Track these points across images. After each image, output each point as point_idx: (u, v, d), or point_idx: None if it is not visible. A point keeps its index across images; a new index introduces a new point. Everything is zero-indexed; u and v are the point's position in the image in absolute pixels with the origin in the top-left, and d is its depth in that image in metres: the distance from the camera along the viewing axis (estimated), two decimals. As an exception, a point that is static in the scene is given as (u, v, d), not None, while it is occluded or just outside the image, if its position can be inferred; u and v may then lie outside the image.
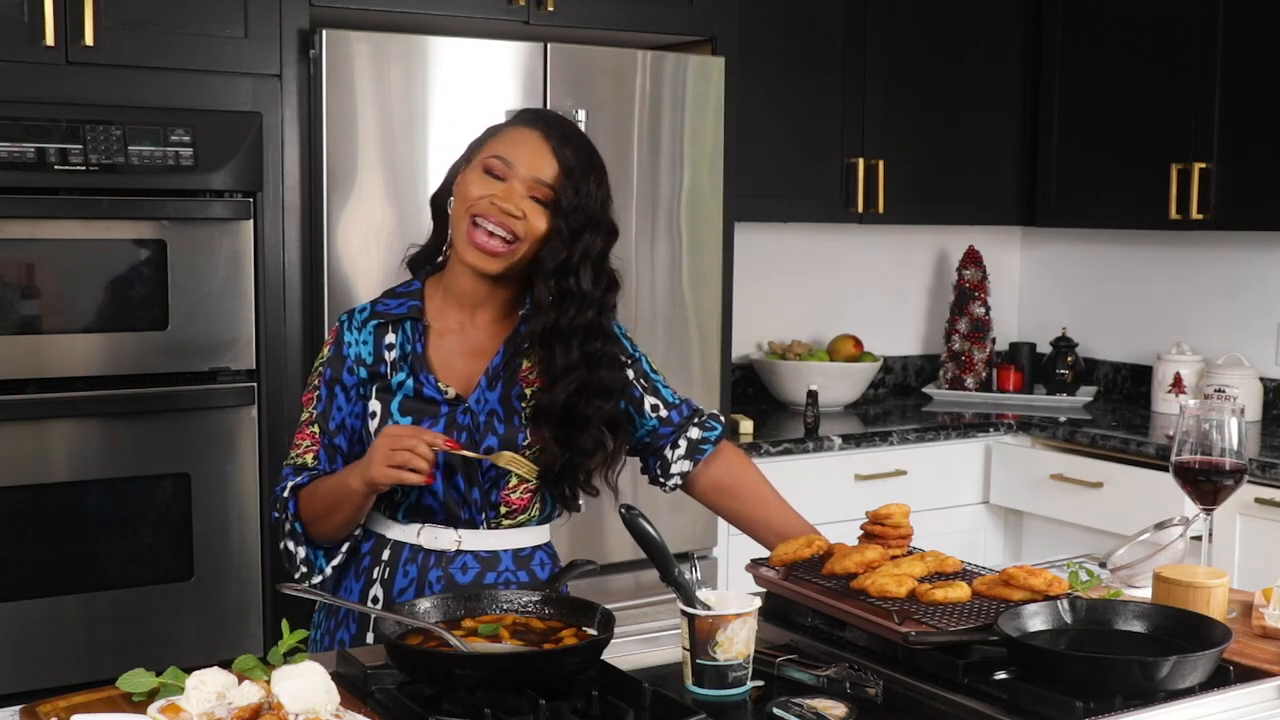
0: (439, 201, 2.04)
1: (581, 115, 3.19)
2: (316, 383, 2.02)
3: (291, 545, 2.00)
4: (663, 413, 2.13)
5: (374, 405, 1.98)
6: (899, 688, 1.67)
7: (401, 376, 1.98)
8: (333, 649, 2.01)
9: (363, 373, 1.99)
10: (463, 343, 2.01)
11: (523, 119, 2.00)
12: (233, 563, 3.03)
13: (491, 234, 1.91)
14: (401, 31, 3.11)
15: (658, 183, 3.38)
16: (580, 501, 2.07)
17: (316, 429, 2.01)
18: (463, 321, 2.02)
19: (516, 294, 2.02)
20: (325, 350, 2.03)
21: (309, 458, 2.00)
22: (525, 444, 1.98)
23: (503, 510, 2.00)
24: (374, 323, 2.00)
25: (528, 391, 2.00)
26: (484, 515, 1.99)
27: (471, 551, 1.99)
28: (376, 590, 2.00)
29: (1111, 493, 3.74)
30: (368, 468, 1.86)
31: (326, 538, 1.99)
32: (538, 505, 2.04)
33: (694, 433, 2.15)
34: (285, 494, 1.99)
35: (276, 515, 2.01)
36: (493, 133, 1.99)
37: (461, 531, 1.98)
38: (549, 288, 1.94)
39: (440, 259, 2.05)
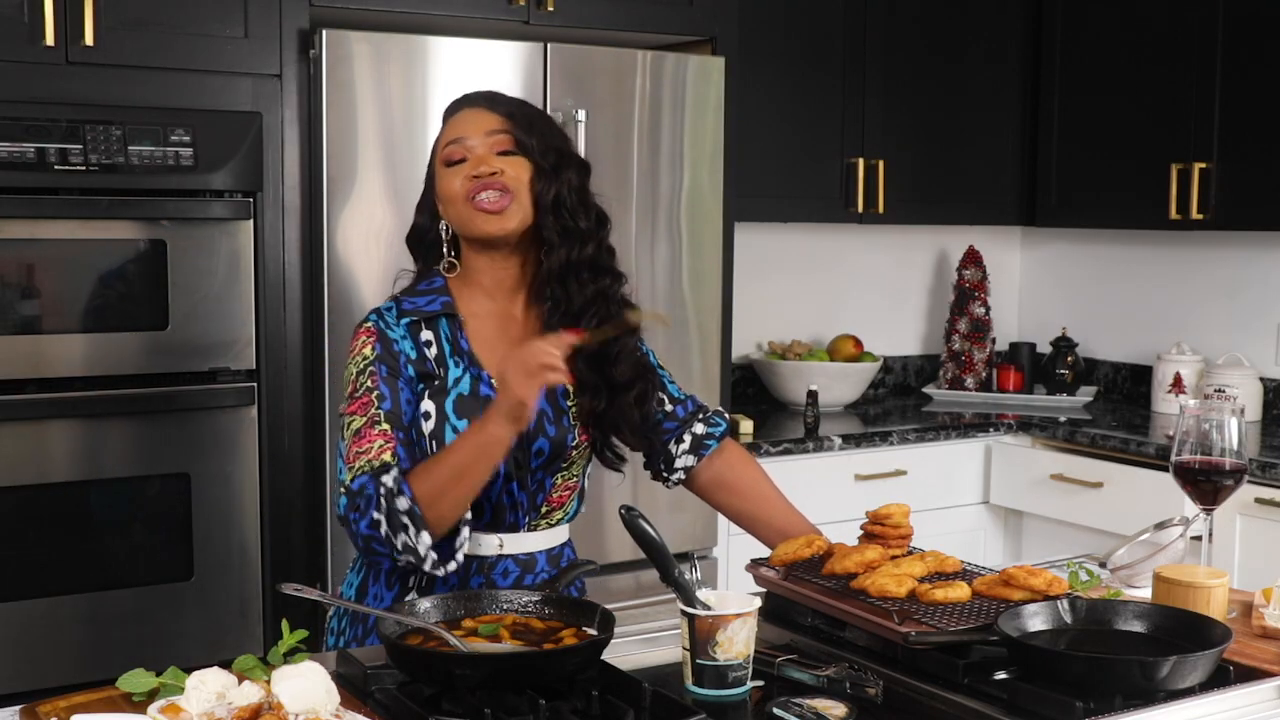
0: (422, 239, 2.02)
1: (581, 115, 3.19)
2: (370, 384, 1.89)
3: (413, 536, 1.80)
4: (668, 407, 2.14)
5: (426, 405, 1.91)
6: (899, 688, 1.67)
7: (457, 373, 1.93)
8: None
9: (411, 370, 1.93)
10: (503, 331, 1.98)
11: (450, 112, 2.01)
12: (233, 563, 3.03)
13: (489, 198, 1.91)
14: (401, 31, 3.11)
15: (658, 183, 3.38)
16: (623, 466, 2.08)
17: (387, 427, 1.86)
18: (491, 310, 1.99)
19: (541, 277, 1.99)
20: (367, 350, 1.91)
21: (387, 456, 1.84)
22: (574, 445, 1.98)
23: (543, 510, 2.00)
24: (406, 320, 1.95)
25: (570, 388, 1.99)
26: (527, 518, 1.98)
27: (511, 555, 1.97)
28: (413, 597, 1.92)
29: (1111, 493, 3.74)
30: (511, 392, 1.76)
31: (443, 521, 1.83)
32: (572, 502, 2.05)
33: (698, 429, 2.15)
34: (392, 484, 1.81)
35: (375, 515, 1.81)
36: (437, 143, 2.00)
37: (503, 535, 1.95)
38: (552, 225, 1.93)
39: (448, 266, 2.00)
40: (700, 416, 2.17)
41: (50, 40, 2.76)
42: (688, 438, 2.14)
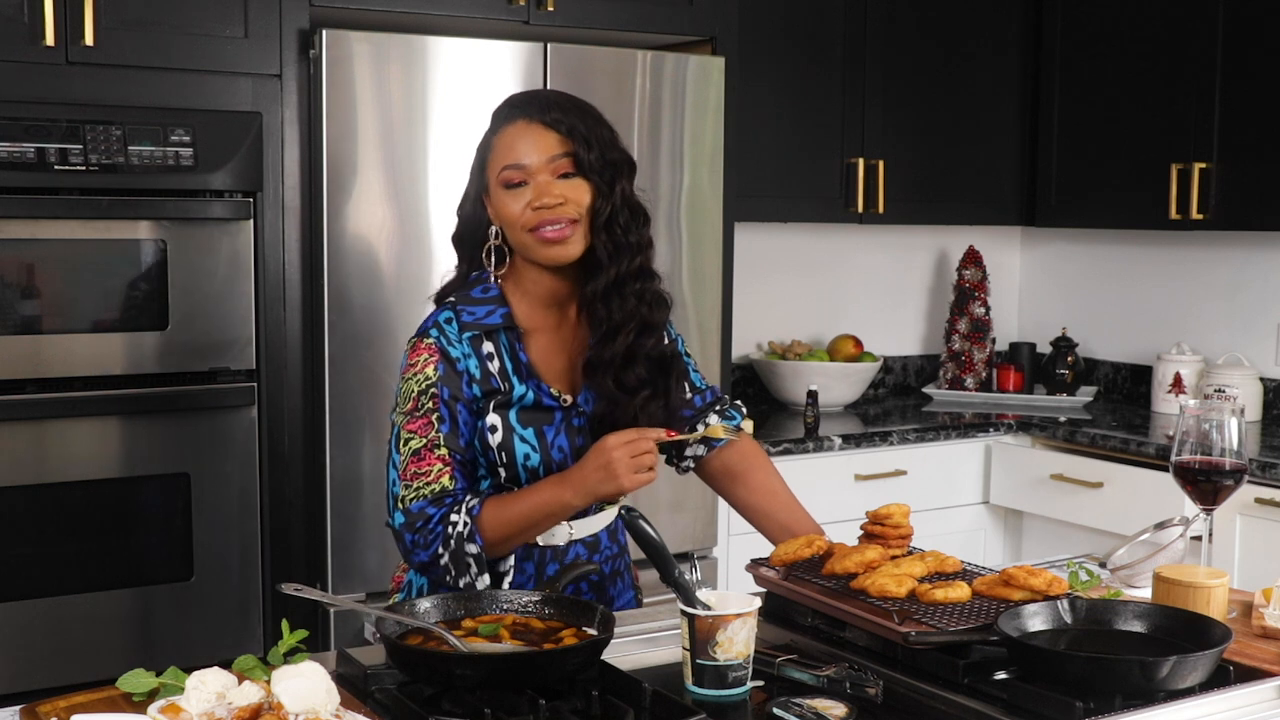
0: (468, 235, 2.02)
1: (581, 115, 3.19)
2: (431, 405, 1.92)
3: (474, 576, 1.89)
4: (686, 395, 2.15)
5: (493, 419, 1.94)
6: (899, 688, 1.67)
7: (521, 390, 1.95)
8: None
9: (476, 389, 1.94)
10: (557, 339, 2.01)
11: (501, 119, 1.97)
12: (233, 563, 3.03)
13: (553, 227, 1.91)
14: (401, 31, 3.11)
15: (658, 183, 3.38)
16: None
17: (445, 451, 1.91)
18: (553, 319, 2.01)
19: (586, 296, 2.00)
20: (430, 370, 1.92)
21: (445, 481, 1.90)
22: None
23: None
24: (468, 334, 1.95)
25: None
26: (595, 505, 2.00)
27: (580, 540, 2.02)
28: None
29: (1111, 493, 3.74)
30: (609, 481, 1.86)
31: (501, 555, 1.94)
32: None
33: (713, 419, 2.17)
34: (464, 529, 1.87)
35: (439, 550, 1.88)
36: (487, 149, 1.97)
37: (573, 522, 1.99)
38: (605, 242, 1.93)
39: (503, 270, 1.99)
40: (717, 408, 2.19)
41: (50, 40, 2.76)
42: (700, 428, 2.15)
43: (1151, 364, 4.26)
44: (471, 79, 3.12)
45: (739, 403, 2.24)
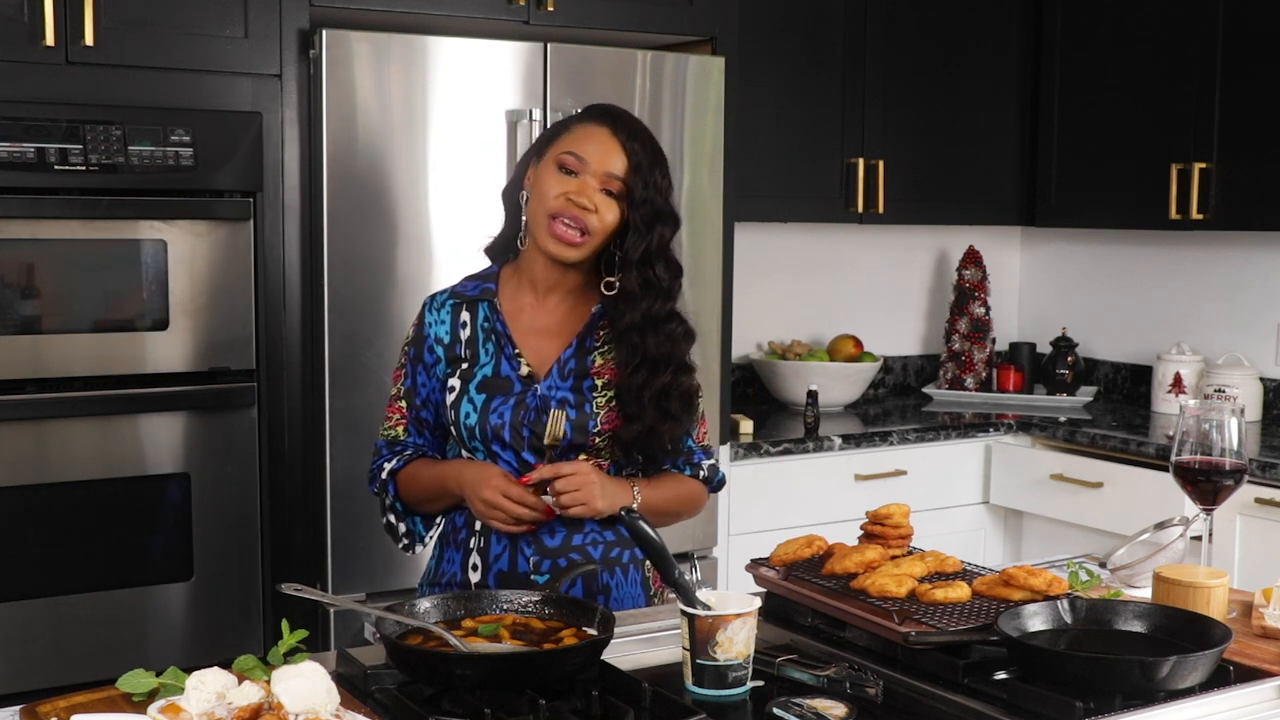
0: (511, 194, 2.14)
1: (581, 115, 3.19)
2: (403, 361, 2.16)
3: (394, 519, 2.17)
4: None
5: (454, 382, 2.08)
6: (899, 688, 1.67)
7: (485, 358, 2.08)
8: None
9: (440, 351, 2.11)
10: (533, 321, 2.11)
11: (591, 115, 2.09)
12: (233, 563, 3.03)
13: (569, 226, 2.01)
14: (401, 31, 3.11)
15: (658, 183, 3.37)
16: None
17: (404, 404, 2.16)
18: (532, 303, 2.11)
19: (584, 282, 2.11)
20: (411, 331, 2.16)
21: (399, 430, 2.16)
22: (595, 431, 2.04)
23: None
24: (451, 302, 2.12)
25: (599, 383, 2.07)
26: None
27: (556, 517, 2.04)
28: (475, 559, 2.09)
29: (1111, 493, 3.74)
30: (469, 497, 2.03)
31: (428, 515, 2.16)
32: (609, 471, 2.09)
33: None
34: (384, 476, 2.14)
35: (375, 490, 2.17)
36: (564, 128, 2.08)
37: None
38: (634, 278, 2.04)
39: (518, 245, 2.13)
40: (689, 461, 2.17)
41: (50, 40, 2.76)
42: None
43: (1151, 364, 4.26)
44: (471, 79, 3.12)
45: (716, 466, 2.22)
